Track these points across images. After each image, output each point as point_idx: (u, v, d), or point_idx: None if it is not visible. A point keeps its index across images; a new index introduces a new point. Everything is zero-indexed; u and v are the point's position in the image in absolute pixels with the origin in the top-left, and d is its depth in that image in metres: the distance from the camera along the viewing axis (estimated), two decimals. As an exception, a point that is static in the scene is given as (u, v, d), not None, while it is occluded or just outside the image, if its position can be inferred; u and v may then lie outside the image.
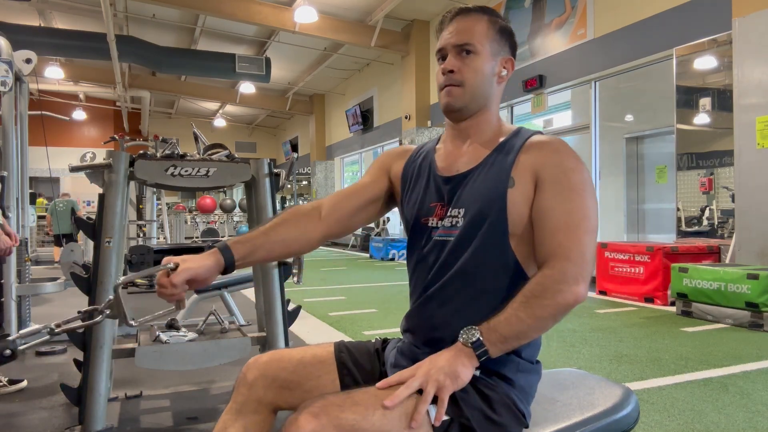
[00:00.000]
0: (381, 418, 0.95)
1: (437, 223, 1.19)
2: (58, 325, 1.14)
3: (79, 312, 1.12)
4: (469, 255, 1.12)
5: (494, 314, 1.06)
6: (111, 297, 1.15)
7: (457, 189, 1.17)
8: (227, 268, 1.15)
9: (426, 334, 1.17)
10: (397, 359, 1.20)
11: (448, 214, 1.17)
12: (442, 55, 1.20)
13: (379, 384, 1.01)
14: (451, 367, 1.00)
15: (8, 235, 2.66)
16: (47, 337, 1.09)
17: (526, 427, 1.08)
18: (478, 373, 1.06)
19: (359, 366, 1.24)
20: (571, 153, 1.12)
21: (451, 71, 1.16)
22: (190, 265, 1.10)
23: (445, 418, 1.00)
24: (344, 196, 1.32)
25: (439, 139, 1.31)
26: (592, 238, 1.07)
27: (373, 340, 1.32)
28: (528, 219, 1.10)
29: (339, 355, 1.25)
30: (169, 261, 1.11)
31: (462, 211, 1.15)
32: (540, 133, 1.19)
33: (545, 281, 1.03)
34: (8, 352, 1.09)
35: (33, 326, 3.92)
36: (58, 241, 10.09)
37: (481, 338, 1.01)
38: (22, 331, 0.98)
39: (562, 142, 1.15)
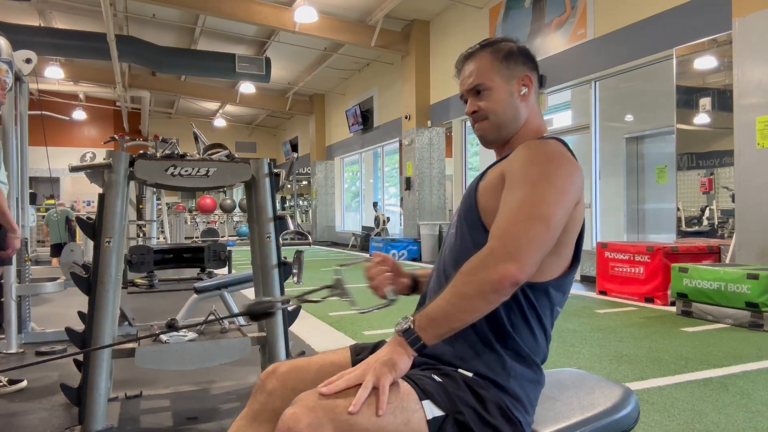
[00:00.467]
0: (367, 406, 0.96)
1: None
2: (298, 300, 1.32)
3: (80, 313, 1.12)
4: (458, 245, 1.19)
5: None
6: (337, 277, 1.31)
7: (470, 194, 1.27)
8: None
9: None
10: None
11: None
12: (465, 100, 1.30)
13: (320, 386, 1.00)
14: (388, 356, 1.01)
15: (13, 230, 2.70)
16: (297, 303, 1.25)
17: None
18: (470, 375, 1.07)
19: None
20: (540, 148, 1.12)
21: (474, 111, 1.26)
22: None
23: (440, 414, 1.00)
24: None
25: None
26: (539, 224, 1.02)
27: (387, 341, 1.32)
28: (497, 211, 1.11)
29: (356, 358, 1.26)
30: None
31: (458, 210, 1.26)
32: (555, 139, 1.20)
33: (474, 259, 1.03)
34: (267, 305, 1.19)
35: (37, 329, 3.92)
36: (54, 251, 10.01)
37: (411, 326, 1.02)
38: (278, 298, 1.19)
39: (540, 141, 1.17)
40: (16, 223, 2.79)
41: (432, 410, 1.00)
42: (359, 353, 1.27)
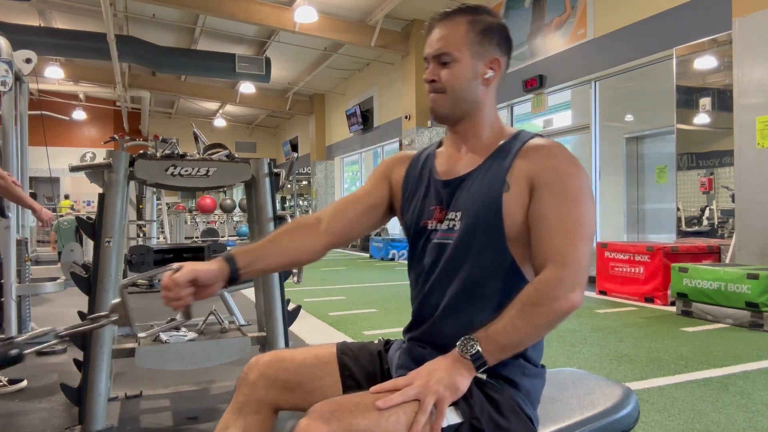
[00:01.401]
0: (394, 424, 0.94)
1: (436, 226, 1.19)
2: (62, 334, 1.14)
3: (80, 313, 1.11)
4: (467, 257, 1.12)
5: (493, 318, 1.05)
6: (116, 300, 1.12)
7: (454, 192, 1.18)
8: (232, 277, 1.14)
9: (429, 336, 1.17)
10: (403, 360, 1.20)
11: (447, 217, 1.17)
12: (428, 65, 1.20)
13: (373, 388, 1.00)
14: (450, 379, 0.99)
15: (35, 209, 2.89)
16: (53, 341, 1.03)
17: (535, 431, 1.08)
18: (485, 376, 1.06)
19: (361, 367, 1.24)
20: (567, 157, 1.10)
21: (432, 80, 1.17)
22: (194, 266, 1.11)
23: (457, 420, 0.99)
24: (346, 204, 1.32)
25: (440, 143, 1.31)
26: (588, 244, 1.06)
27: (376, 341, 1.32)
28: (523, 222, 1.09)
29: (341, 356, 1.25)
30: (174, 265, 1.12)
31: (459, 214, 1.15)
32: (540, 136, 1.17)
33: (542, 288, 1.02)
34: (15, 352, 1.05)
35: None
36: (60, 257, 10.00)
37: (479, 349, 1.00)
38: (27, 335, 0.95)
39: (559, 145, 1.13)
40: (15, 223, 2.84)
41: (449, 417, 0.99)
42: (345, 352, 1.26)
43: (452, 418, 0.99)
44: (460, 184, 1.17)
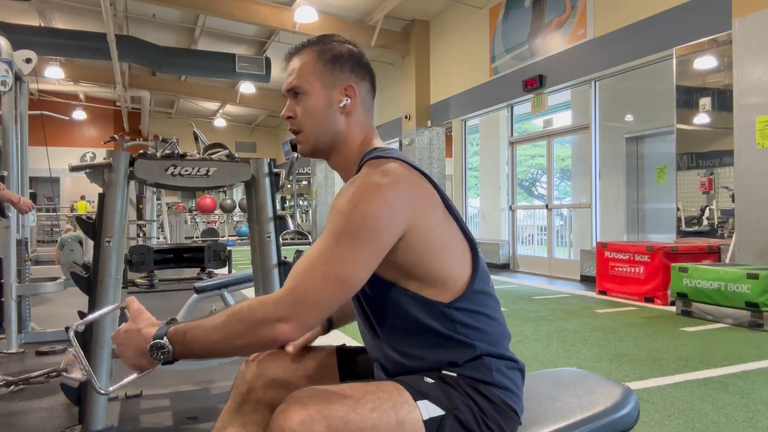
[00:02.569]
0: (370, 411, 0.95)
1: None
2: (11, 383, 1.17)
3: (80, 313, 1.09)
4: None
5: (403, 340, 1.08)
6: (71, 350, 1.08)
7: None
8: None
9: (379, 359, 1.17)
10: (378, 376, 1.19)
11: None
12: (285, 99, 1.19)
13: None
14: (136, 361, 1.03)
15: (14, 200, 2.88)
16: (5, 390, 1.01)
17: (520, 423, 1.08)
18: (455, 375, 1.06)
19: (359, 368, 1.25)
20: (354, 193, 1.00)
21: (289, 116, 1.16)
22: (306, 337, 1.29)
23: (439, 413, 0.99)
24: None
25: None
26: (331, 285, 0.96)
27: None
28: None
29: (340, 357, 1.26)
30: None
31: None
32: (378, 158, 1.09)
33: (256, 307, 0.97)
34: None
35: (37, 329, 3.93)
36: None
37: (168, 359, 1.00)
38: None
39: (361, 181, 1.03)
40: (15, 223, 2.83)
41: (429, 410, 0.98)
42: (343, 354, 1.27)
43: (432, 410, 0.99)
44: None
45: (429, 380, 1.04)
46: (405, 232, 1.01)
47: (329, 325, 1.33)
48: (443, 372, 1.07)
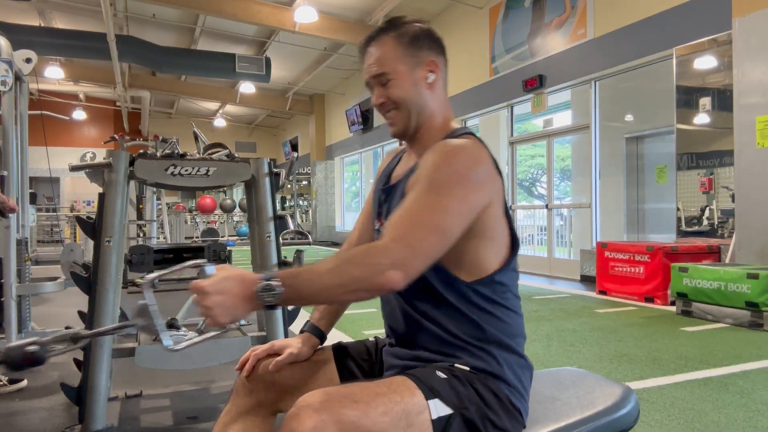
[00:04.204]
0: (381, 415, 0.95)
1: (380, 228, 1.25)
2: (84, 335, 1.07)
3: (80, 313, 1.09)
4: None
5: (443, 323, 1.10)
6: (141, 302, 1.05)
7: (386, 201, 1.23)
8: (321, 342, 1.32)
9: (402, 334, 1.19)
10: (388, 360, 1.21)
11: (383, 224, 1.20)
12: (370, 88, 1.21)
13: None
14: (233, 310, 0.95)
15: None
16: (75, 346, 0.98)
17: (524, 426, 1.08)
18: (468, 369, 1.08)
19: (359, 366, 1.25)
20: (449, 151, 1.07)
21: (382, 103, 1.19)
22: (293, 351, 1.24)
23: (447, 412, 1.00)
24: (362, 222, 1.39)
25: None
26: (433, 236, 1.00)
27: (371, 339, 1.33)
28: None
29: (339, 357, 1.26)
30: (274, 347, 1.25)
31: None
32: (470, 134, 1.16)
33: (368, 251, 0.99)
34: (37, 352, 1.03)
35: (38, 329, 3.92)
36: None
37: (275, 302, 0.95)
38: (47, 338, 0.91)
39: (452, 143, 1.10)
40: (15, 223, 2.84)
41: (438, 409, 0.99)
42: (342, 352, 1.28)
43: (442, 409, 0.99)
44: (391, 193, 1.23)
45: (441, 375, 1.05)
46: (483, 207, 1.07)
47: (321, 338, 1.33)
48: (456, 365, 1.08)
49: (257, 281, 0.94)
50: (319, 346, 1.31)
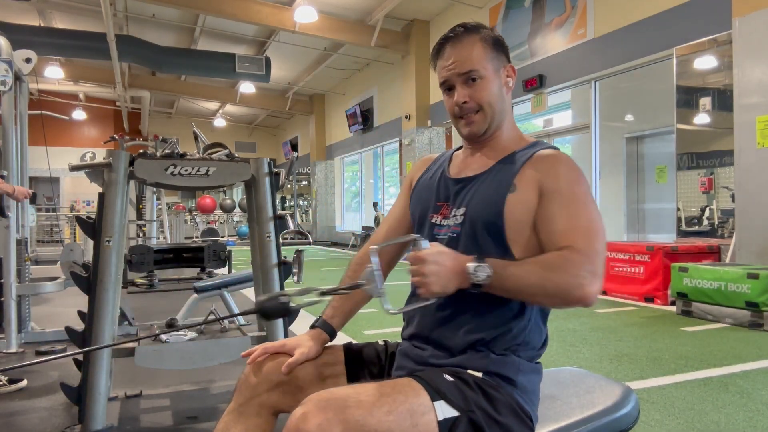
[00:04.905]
0: (386, 414, 0.95)
1: (441, 221, 1.22)
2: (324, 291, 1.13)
3: (80, 313, 1.07)
4: (470, 253, 1.11)
5: (490, 318, 1.10)
6: (369, 266, 1.08)
7: (462, 191, 1.20)
8: (331, 339, 1.31)
9: (429, 332, 1.18)
10: (400, 361, 1.21)
11: (452, 213, 1.19)
12: (448, 87, 1.21)
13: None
14: (447, 283, 1.00)
15: (9, 191, 2.90)
16: (316, 299, 1.07)
17: (532, 430, 1.08)
18: (480, 375, 1.07)
19: (367, 368, 1.25)
20: (574, 166, 1.14)
21: (465, 102, 1.18)
22: (303, 350, 1.23)
23: (453, 414, 1.00)
24: (388, 224, 1.39)
25: (460, 147, 1.34)
26: (604, 243, 1.07)
27: (381, 342, 1.33)
28: (526, 223, 1.11)
29: (348, 359, 1.25)
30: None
31: (463, 210, 1.17)
32: (554, 148, 1.20)
33: (569, 260, 1.02)
34: (289, 303, 1.10)
35: (37, 329, 3.93)
36: None
37: (484, 283, 1.01)
38: (295, 289, 0.99)
39: (568, 156, 1.17)
40: (15, 223, 2.83)
41: (444, 411, 0.99)
42: (351, 354, 1.27)
43: (448, 411, 0.99)
44: (469, 184, 1.20)
45: (448, 378, 1.05)
46: None
47: (332, 335, 1.31)
48: (468, 371, 1.08)
49: (471, 260, 1.01)
50: (329, 344, 1.30)
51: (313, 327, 1.30)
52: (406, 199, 1.36)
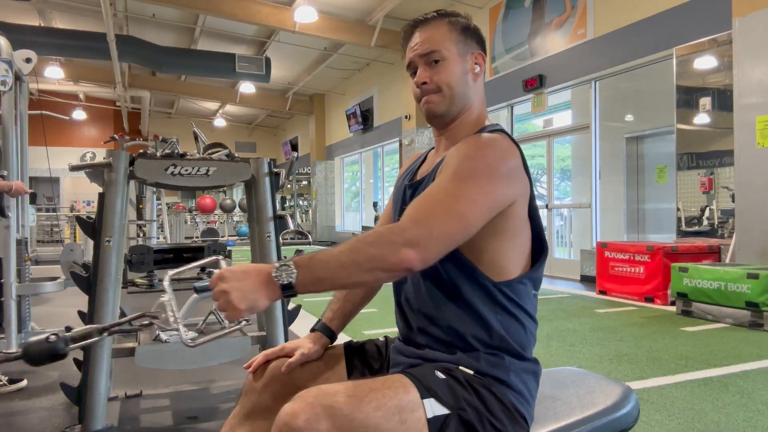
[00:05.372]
0: (374, 409, 0.95)
1: None
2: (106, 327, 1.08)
3: (80, 313, 1.07)
4: (430, 270, 1.10)
5: (463, 318, 1.09)
6: (163, 299, 1.06)
7: (414, 195, 1.19)
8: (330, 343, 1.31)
9: (415, 330, 1.18)
10: (395, 358, 1.21)
11: None
12: (413, 70, 1.21)
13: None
14: (252, 297, 0.95)
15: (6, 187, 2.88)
16: (96, 338, 0.97)
17: (526, 431, 1.07)
18: (471, 372, 1.07)
19: (368, 366, 1.25)
20: (482, 144, 1.07)
21: (425, 83, 1.18)
22: (303, 351, 1.24)
23: (443, 412, 0.99)
24: (384, 223, 1.37)
25: None
26: (453, 221, 0.99)
27: (381, 338, 1.33)
28: None
29: (349, 356, 1.26)
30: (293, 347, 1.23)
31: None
32: (501, 131, 1.16)
33: (383, 231, 0.97)
34: (60, 347, 1.05)
35: (38, 329, 3.92)
36: None
37: (293, 282, 0.95)
38: (73, 331, 0.89)
39: (487, 136, 1.11)
40: (15, 223, 2.83)
41: (433, 409, 0.98)
42: (352, 352, 1.27)
43: (437, 409, 0.99)
44: (418, 186, 1.20)
45: (440, 375, 1.04)
46: (509, 203, 1.06)
47: (332, 338, 1.32)
48: (460, 368, 1.07)
49: (273, 266, 0.96)
50: (330, 345, 1.31)
51: (312, 330, 1.31)
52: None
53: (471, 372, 1.07)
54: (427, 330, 1.14)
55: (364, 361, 1.26)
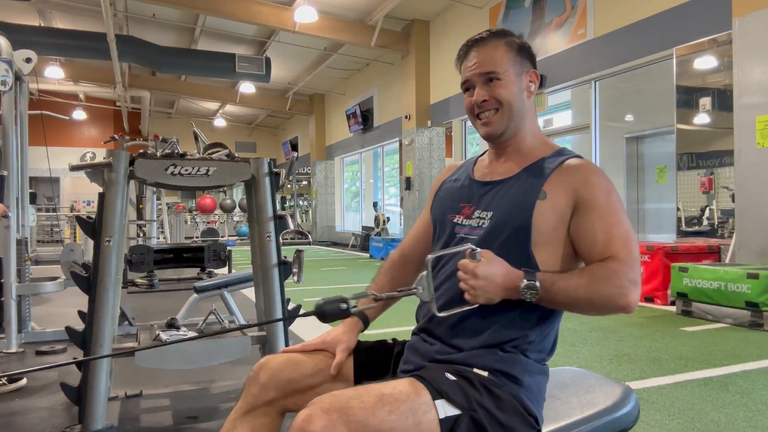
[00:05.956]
0: (388, 413, 0.96)
1: (462, 221, 1.23)
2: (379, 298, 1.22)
3: (80, 313, 1.09)
4: None
5: (506, 322, 1.12)
6: (422, 274, 1.13)
7: (487, 194, 1.22)
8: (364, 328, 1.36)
9: (441, 329, 1.18)
10: (407, 356, 1.21)
11: (475, 215, 1.21)
12: (467, 87, 1.25)
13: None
14: (494, 295, 1.06)
15: None
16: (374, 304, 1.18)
17: (537, 431, 1.08)
18: (486, 374, 1.08)
19: (375, 367, 1.26)
20: (605, 176, 1.18)
21: (485, 100, 1.21)
22: (342, 347, 1.27)
23: (455, 413, 1.00)
24: (418, 230, 1.43)
25: (485, 152, 1.36)
26: (638, 251, 1.12)
27: (389, 341, 1.34)
28: (554, 230, 1.13)
29: (357, 357, 1.26)
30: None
31: (489, 214, 1.19)
32: (579, 157, 1.22)
33: (612, 272, 1.06)
34: (345, 306, 1.15)
35: (37, 329, 3.93)
36: None
37: (533, 300, 1.06)
38: (354, 294, 1.04)
39: (596, 165, 1.21)
40: (15, 223, 2.83)
41: (445, 409, 1.00)
42: (360, 352, 1.27)
43: (449, 410, 1.00)
44: (494, 188, 1.22)
45: (450, 377, 1.05)
46: None
47: (366, 323, 1.36)
48: (474, 370, 1.09)
49: (522, 278, 1.06)
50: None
51: (347, 315, 1.32)
52: (431, 204, 1.39)
53: (485, 374, 1.08)
54: (457, 334, 1.15)
55: (372, 362, 1.26)
